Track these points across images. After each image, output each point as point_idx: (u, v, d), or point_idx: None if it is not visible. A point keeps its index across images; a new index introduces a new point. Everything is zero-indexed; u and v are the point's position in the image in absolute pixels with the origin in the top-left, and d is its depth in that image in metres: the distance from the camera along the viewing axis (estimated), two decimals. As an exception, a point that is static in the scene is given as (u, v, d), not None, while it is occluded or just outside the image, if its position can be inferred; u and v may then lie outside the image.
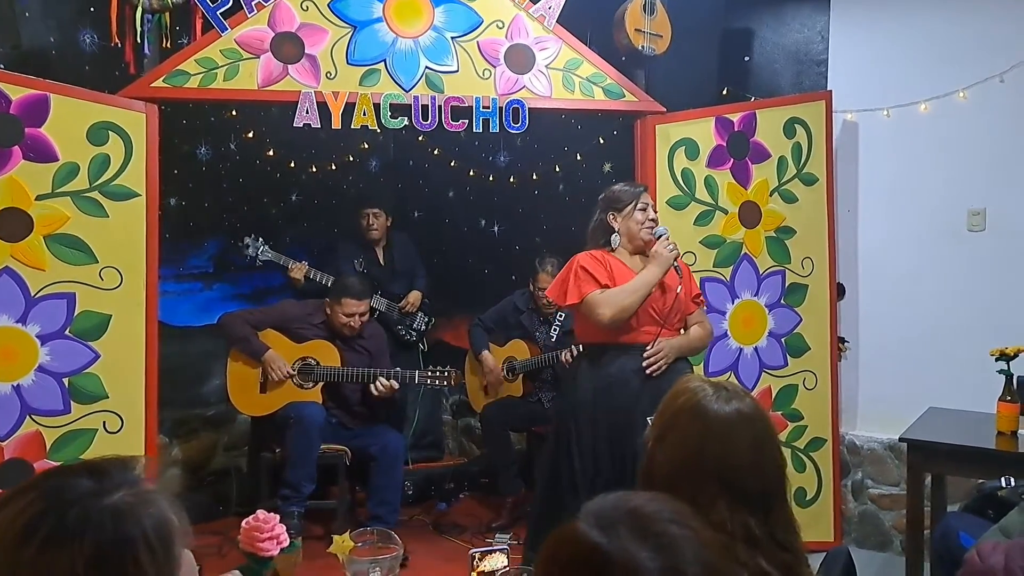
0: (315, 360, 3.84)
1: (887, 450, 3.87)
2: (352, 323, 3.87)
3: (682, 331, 3.02)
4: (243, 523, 1.49)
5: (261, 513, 1.50)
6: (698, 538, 0.90)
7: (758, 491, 1.36)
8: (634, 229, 2.98)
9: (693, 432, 1.40)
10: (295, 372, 3.80)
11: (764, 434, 1.41)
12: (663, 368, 2.85)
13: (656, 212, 3.06)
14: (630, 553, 0.86)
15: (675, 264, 2.93)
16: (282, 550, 1.43)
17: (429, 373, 3.87)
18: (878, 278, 3.98)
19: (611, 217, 3.00)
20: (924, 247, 3.86)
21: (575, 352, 3.93)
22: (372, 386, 3.78)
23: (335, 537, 1.63)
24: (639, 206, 2.98)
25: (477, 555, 1.72)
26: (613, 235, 2.99)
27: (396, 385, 3.80)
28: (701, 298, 3.19)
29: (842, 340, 3.96)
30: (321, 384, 3.84)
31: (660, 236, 2.97)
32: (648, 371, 2.83)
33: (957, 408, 3.35)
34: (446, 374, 3.85)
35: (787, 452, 3.75)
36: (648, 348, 2.87)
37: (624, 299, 2.83)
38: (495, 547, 1.81)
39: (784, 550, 1.35)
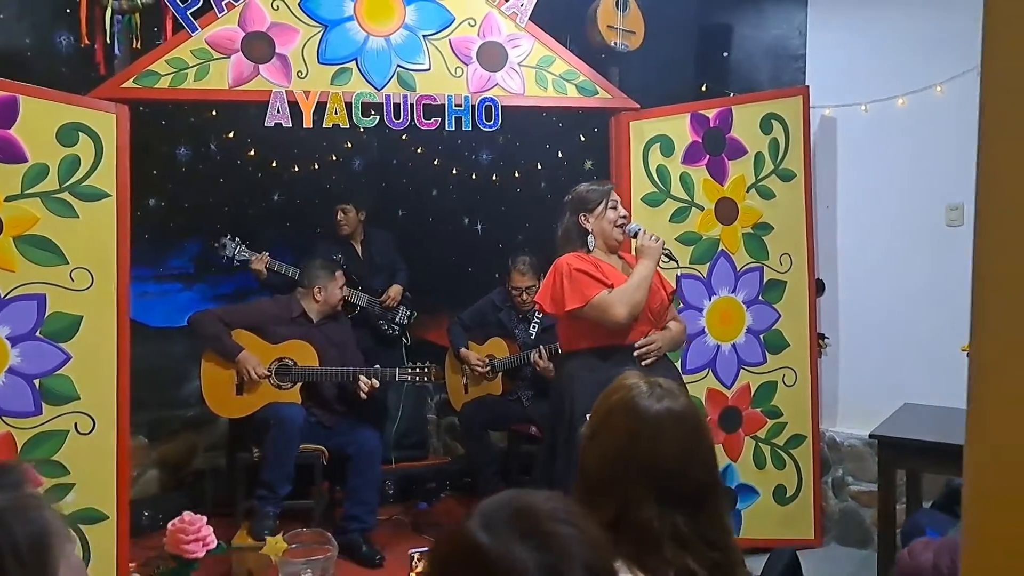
0: (292, 360, 3.83)
1: (867, 446, 3.85)
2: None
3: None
4: (168, 525, 1.48)
5: (187, 515, 1.49)
6: (584, 538, 0.89)
7: (687, 490, 1.35)
8: (607, 229, 2.95)
9: (623, 430, 1.39)
10: (271, 373, 3.78)
11: (694, 434, 1.40)
12: (654, 361, 2.82)
13: (626, 209, 3.03)
14: (509, 551, 0.85)
15: (668, 255, 2.95)
16: (208, 552, 1.42)
17: (409, 369, 3.86)
18: (857, 274, 3.97)
19: (582, 219, 2.95)
20: (903, 242, 3.84)
21: (546, 352, 3.93)
22: (357, 387, 3.76)
23: (268, 538, 1.62)
24: (609, 204, 2.95)
25: (416, 555, 1.71)
26: (588, 236, 2.94)
27: (377, 384, 3.79)
28: (674, 294, 3.17)
29: (822, 336, 3.95)
30: (300, 384, 3.83)
31: (636, 232, 2.95)
32: (643, 363, 2.78)
33: (934, 404, 3.33)
34: (426, 369, 3.84)
35: (766, 449, 3.78)
36: (641, 341, 2.84)
37: (636, 295, 2.79)
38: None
39: (714, 549, 1.34)
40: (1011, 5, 0.81)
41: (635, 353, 2.82)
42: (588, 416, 1.51)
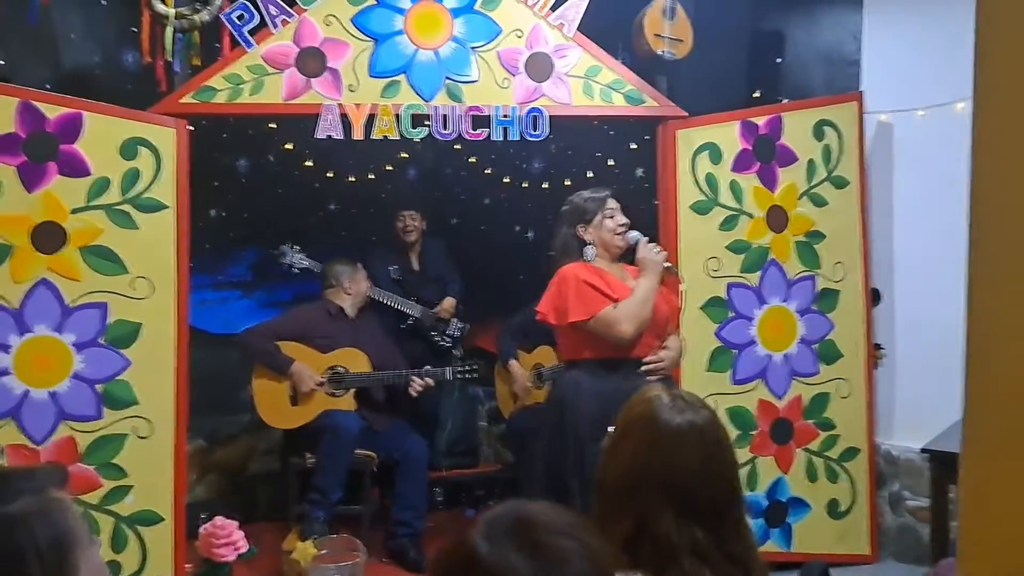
0: (344, 368, 3.91)
1: (924, 461, 3.73)
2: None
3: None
4: (200, 529, 1.53)
5: (219, 519, 1.54)
6: (584, 551, 0.90)
7: (706, 503, 1.35)
8: (607, 237, 2.91)
9: (643, 442, 1.39)
10: (325, 381, 3.86)
11: (715, 446, 1.40)
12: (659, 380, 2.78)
13: (625, 217, 2.95)
14: (506, 561, 0.87)
15: (672, 268, 2.91)
16: (239, 556, 1.47)
17: (459, 368, 4.01)
18: (915, 283, 3.87)
19: (580, 229, 2.91)
20: (962, 251, 3.70)
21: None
22: (410, 388, 3.89)
23: (298, 544, 1.66)
24: (607, 213, 2.91)
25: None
26: (587, 247, 2.90)
27: (431, 383, 3.94)
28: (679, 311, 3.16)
29: (878, 347, 3.86)
30: (352, 391, 3.90)
31: (637, 241, 2.90)
32: (648, 380, 2.78)
33: (992, 418, 3.22)
34: (476, 368, 4.01)
35: (819, 462, 3.71)
36: (650, 358, 2.82)
37: (641, 311, 2.76)
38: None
39: (736, 563, 1.34)
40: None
41: (642, 369, 2.79)
42: (611, 428, 1.52)
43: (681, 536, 1.31)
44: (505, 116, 3.45)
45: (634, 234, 2.92)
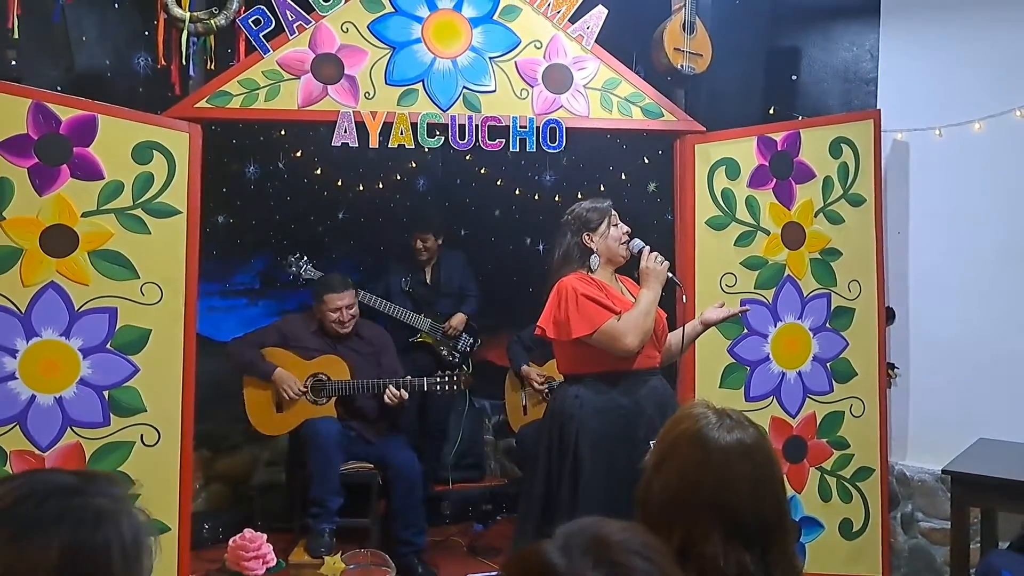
0: (326, 375, 3.87)
1: (938, 482, 3.71)
2: (341, 317, 3.87)
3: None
4: (230, 542, 1.49)
5: (248, 532, 1.50)
6: (658, 572, 0.87)
7: (756, 526, 1.31)
8: (613, 247, 2.87)
9: (691, 461, 1.35)
10: (307, 389, 3.83)
11: (765, 467, 1.36)
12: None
13: (627, 226, 2.92)
14: None
15: (674, 279, 2.87)
16: (268, 570, 1.43)
17: (438, 378, 3.85)
18: (930, 302, 3.84)
19: (586, 238, 2.87)
20: (978, 271, 3.71)
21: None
22: (385, 395, 3.78)
23: (327, 558, 1.63)
24: (612, 222, 2.88)
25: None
26: (592, 256, 2.85)
27: (405, 395, 3.80)
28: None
29: (892, 366, 3.83)
30: (334, 398, 3.86)
31: (640, 250, 2.86)
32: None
33: (1010, 440, 3.20)
34: (455, 377, 3.85)
35: (832, 481, 3.67)
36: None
37: (647, 323, 2.73)
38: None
39: None
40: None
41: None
42: (652, 444, 1.48)
43: (728, 559, 1.27)
44: (523, 127, 3.42)
45: (636, 243, 2.89)
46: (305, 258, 4.30)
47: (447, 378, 3.85)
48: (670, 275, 2.85)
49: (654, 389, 2.81)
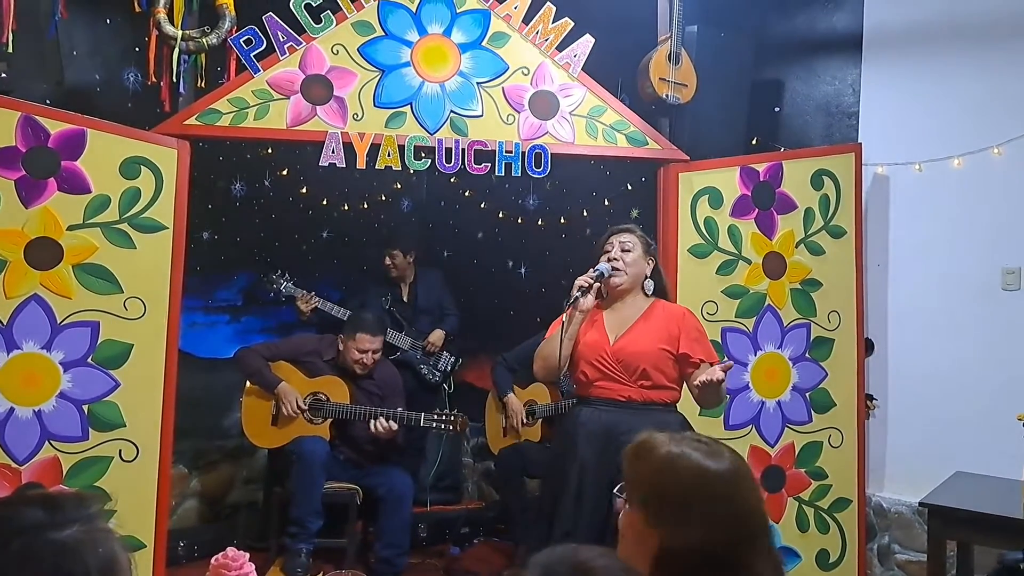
0: (325, 395, 3.87)
1: (915, 514, 3.74)
2: (364, 360, 3.88)
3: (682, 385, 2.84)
4: (212, 560, 1.49)
5: (231, 551, 1.50)
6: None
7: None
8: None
9: (719, 511, 1.30)
10: (307, 407, 3.82)
11: (756, 490, 1.38)
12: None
13: (623, 251, 2.86)
14: None
15: (583, 288, 2.77)
16: (248, 588, 1.43)
17: (435, 416, 3.79)
18: (908, 335, 3.89)
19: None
20: (956, 305, 3.76)
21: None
22: (372, 424, 3.73)
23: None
24: (605, 249, 2.88)
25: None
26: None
27: (394, 427, 3.74)
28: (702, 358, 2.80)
29: (870, 398, 3.86)
30: (330, 420, 3.85)
31: (599, 276, 2.80)
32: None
33: (986, 473, 3.23)
34: (452, 418, 3.77)
35: (809, 511, 3.70)
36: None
37: (541, 349, 2.84)
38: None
39: None
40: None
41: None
42: (618, 492, 1.43)
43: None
44: (508, 152, 3.45)
45: (602, 267, 2.82)
46: (287, 275, 4.31)
47: (444, 417, 3.78)
48: (575, 294, 2.76)
49: (602, 422, 2.70)
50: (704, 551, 1.26)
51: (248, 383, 3.88)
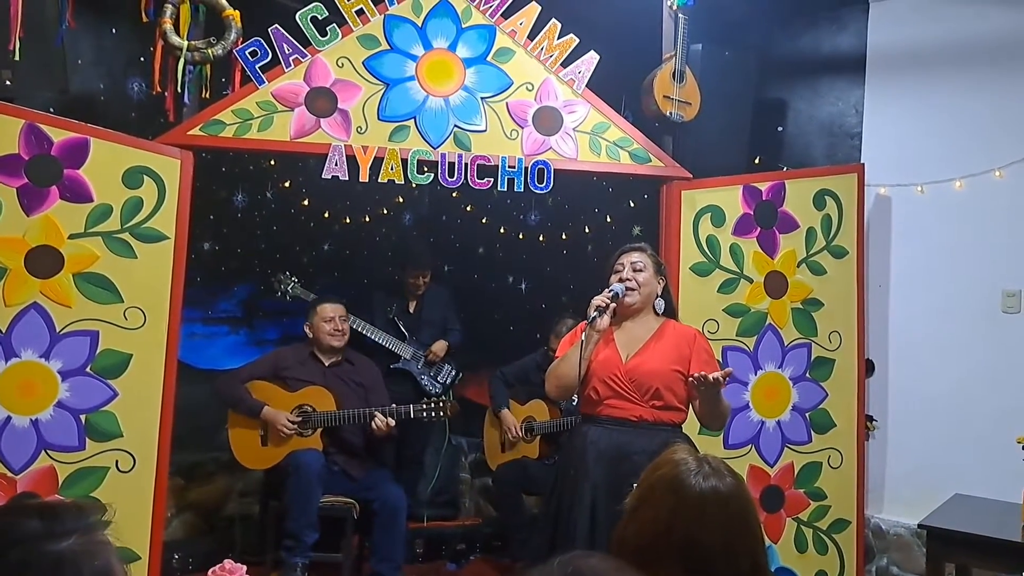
0: (311, 407, 3.84)
1: (914, 536, 3.72)
2: (336, 326, 3.92)
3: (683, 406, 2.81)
4: (209, 572, 1.48)
5: (228, 563, 1.49)
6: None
7: None
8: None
9: (665, 506, 1.35)
10: (298, 422, 3.79)
11: (739, 516, 1.36)
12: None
13: (635, 270, 2.84)
14: None
15: (600, 308, 2.75)
16: (244, 602, 1.42)
17: (424, 405, 3.83)
18: (909, 356, 3.89)
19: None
20: (957, 327, 3.76)
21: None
22: (372, 423, 3.75)
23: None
24: (616, 269, 2.88)
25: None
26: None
27: (392, 422, 3.77)
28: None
29: (870, 419, 3.85)
30: (320, 430, 3.83)
31: (615, 296, 2.79)
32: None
33: (985, 496, 3.22)
34: (441, 404, 3.82)
35: (808, 532, 3.67)
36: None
37: (555, 369, 2.84)
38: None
39: None
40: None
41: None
42: (634, 486, 1.48)
43: None
44: (511, 167, 3.46)
45: (616, 287, 2.81)
46: (294, 277, 4.33)
47: (432, 405, 3.83)
48: (593, 314, 2.74)
49: (613, 441, 2.70)
50: (633, 549, 1.34)
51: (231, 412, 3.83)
